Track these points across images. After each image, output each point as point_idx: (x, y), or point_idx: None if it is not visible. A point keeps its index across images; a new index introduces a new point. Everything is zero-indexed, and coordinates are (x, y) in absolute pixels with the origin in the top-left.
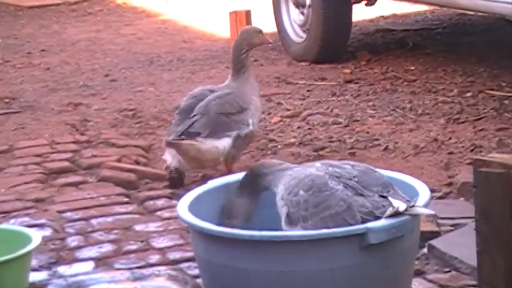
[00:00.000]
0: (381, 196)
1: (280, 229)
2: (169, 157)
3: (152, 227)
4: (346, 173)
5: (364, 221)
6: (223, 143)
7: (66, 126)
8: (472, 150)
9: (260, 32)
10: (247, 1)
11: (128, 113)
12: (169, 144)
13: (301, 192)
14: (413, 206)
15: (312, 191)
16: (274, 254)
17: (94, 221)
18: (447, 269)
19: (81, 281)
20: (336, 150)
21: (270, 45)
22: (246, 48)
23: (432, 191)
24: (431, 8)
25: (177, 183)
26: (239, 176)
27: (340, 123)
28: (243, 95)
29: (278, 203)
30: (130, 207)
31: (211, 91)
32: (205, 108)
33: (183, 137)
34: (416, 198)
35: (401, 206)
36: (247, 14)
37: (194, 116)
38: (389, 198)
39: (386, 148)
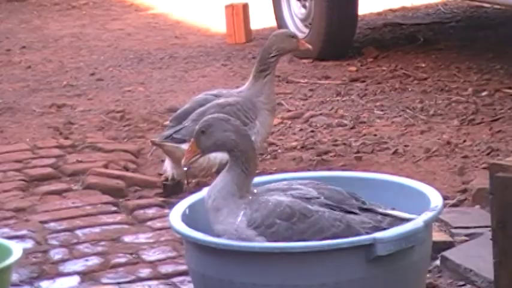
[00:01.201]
0: (366, 210)
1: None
2: (169, 165)
3: (142, 238)
4: (313, 195)
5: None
6: (216, 155)
7: (49, 129)
8: (488, 154)
9: (293, 36)
10: None
11: (116, 115)
12: (153, 143)
13: (278, 221)
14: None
15: (295, 218)
16: (274, 267)
17: (79, 232)
18: (462, 283)
19: None
20: (341, 155)
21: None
22: (274, 53)
23: (445, 198)
24: None
25: (171, 191)
26: None
27: (345, 125)
28: (252, 107)
29: (239, 234)
30: (118, 217)
31: (217, 96)
32: (201, 115)
33: (166, 140)
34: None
35: (402, 214)
36: (245, 7)
37: (186, 122)
38: (378, 209)
39: (395, 152)
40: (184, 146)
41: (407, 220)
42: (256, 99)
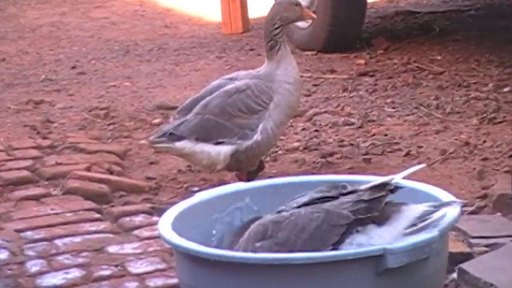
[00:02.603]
0: (348, 193)
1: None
2: None
3: (128, 248)
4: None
5: (357, 217)
6: (219, 150)
7: (25, 128)
8: (510, 156)
9: (297, 4)
10: None
11: (99, 113)
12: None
13: (257, 244)
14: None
15: (270, 231)
16: (272, 280)
17: (59, 242)
18: None
19: None
20: (348, 157)
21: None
22: (278, 23)
23: (463, 204)
24: None
25: None
26: (230, 187)
27: (352, 124)
28: (266, 88)
29: None
30: (102, 225)
31: (232, 80)
32: (205, 107)
33: (161, 139)
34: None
35: (381, 179)
36: None
37: (190, 115)
38: (359, 187)
39: (408, 153)
40: (179, 144)
41: (387, 185)
42: (274, 72)
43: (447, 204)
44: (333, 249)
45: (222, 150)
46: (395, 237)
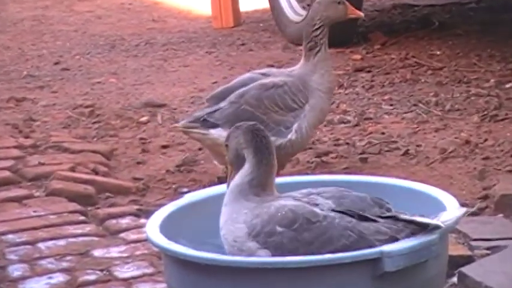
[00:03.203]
0: (388, 217)
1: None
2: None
3: (115, 252)
4: (322, 201)
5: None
6: None
7: (7, 126)
8: None
9: (339, 2)
10: None
11: (84, 110)
12: (179, 129)
13: (279, 228)
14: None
15: (298, 224)
16: (266, 285)
17: (42, 245)
18: None
19: None
20: (344, 156)
21: (361, 19)
22: (318, 24)
23: (463, 206)
24: None
25: None
26: (221, 188)
27: (348, 121)
28: (303, 88)
29: (239, 245)
30: (87, 228)
31: (264, 75)
32: (240, 96)
33: (194, 124)
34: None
35: (428, 222)
36: None
37: (223, 103)
38: (403, 216)
39: (406, 152)
40: (214, 132)
41: (435, 228)
42: (309, 78)
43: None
44: None
45: None
46: None
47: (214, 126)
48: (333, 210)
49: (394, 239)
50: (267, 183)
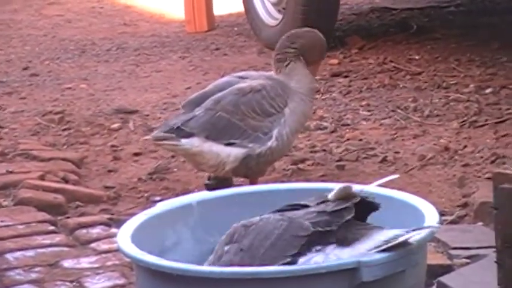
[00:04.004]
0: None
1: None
2: None
3: (85, 262)
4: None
5: (316, 229)
6: (229, 152)
7: None
8: (492, 162)
9: (322, 53)
10: None
11: (54, 117)
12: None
13: (226, 247)
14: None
15: (237, 234)
16: None
17: (10, 256)
18: None
19: None
20: (320, 163)
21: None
22: (295, 46)
23: (442, 213)
24: None
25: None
26: (194, 197)
27: (325, 128)
28: (282, 92)
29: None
30: (57, 238)
31: (243, 79)
32: (216, 103)
33: (167, 134)
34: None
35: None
36: None
37: (199, 110)
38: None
39: (384, 159)
40: (186, 142)
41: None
42: (288, 82)
43: (424, 228)
44: (291, 261)
45: (233, 153)
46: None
47: (189, 135)
48: (271, 212)
49: (323, 213)
50: None
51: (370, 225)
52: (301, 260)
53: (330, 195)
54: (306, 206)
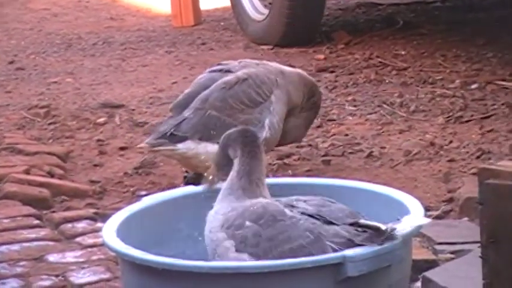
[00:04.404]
0: (352, 224)
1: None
2: None
3: (70, 257)
4: (301, 206)
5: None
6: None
7: None
8: (478, 157)
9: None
10: None
11: (39, 111)
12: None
13: (247, 223)
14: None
15: (263, 220)
16: None
17: None
18: None
19: None
20: (306, 158)
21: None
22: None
23: (428, 209)
24: None
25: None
26: (180, 191)
27: None
28: (267, 79)
29: (211, 235)
30: (42, 232)
31: (224, 71)
32: (204, 101)
33: (161, 140)
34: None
35: (382, 226)
36: None
37: (188, 112)
38: (364, 221)
39: (370, 155)
40: (182, 146)
41: (390, 235)
42: (275, 66)
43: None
44: None
45: None
46: None
47: (183, 139)
48: (303, 213)
49: (351, 242)
50: (254, 176)
51: None
52: None
53: (363, 221)
54: (334, 222)
